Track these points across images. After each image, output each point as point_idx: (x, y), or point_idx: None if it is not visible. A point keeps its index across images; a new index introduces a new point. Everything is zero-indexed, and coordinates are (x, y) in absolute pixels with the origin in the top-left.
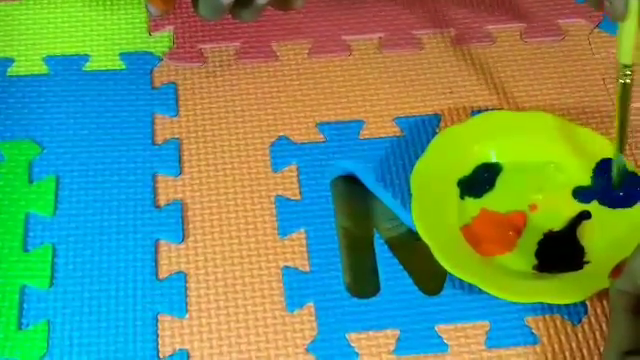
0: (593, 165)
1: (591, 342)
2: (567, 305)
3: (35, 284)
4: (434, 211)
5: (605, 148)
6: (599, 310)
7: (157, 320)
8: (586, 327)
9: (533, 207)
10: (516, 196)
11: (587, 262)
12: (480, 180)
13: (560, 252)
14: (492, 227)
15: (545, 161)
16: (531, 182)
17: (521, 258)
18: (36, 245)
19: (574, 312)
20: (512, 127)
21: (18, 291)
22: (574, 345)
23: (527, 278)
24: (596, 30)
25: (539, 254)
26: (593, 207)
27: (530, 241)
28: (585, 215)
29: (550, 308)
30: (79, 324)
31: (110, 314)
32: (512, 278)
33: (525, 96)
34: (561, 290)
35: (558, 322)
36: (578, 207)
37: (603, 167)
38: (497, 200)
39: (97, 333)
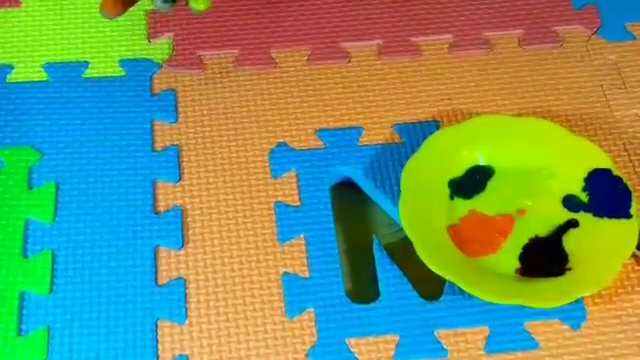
0: (585, 174)
1: (590, 346)
2: (566, 310)
3: (35, 290)
4: (422, 208)
5: (598, 158)
6: (598, 315)
7: (157, 326)
8: (585, 332)
9: (522, 212)
10: (506, 200)
11: (569, 269)
12: (471, 182)
13: (543, 257)
14: (479, 228)
15: (538, 167)
16: (522, 187)
17: (504, 260)
18: (36, 251)
19: (573, 317)
20: (507, 132)
21: (18, 297)
22: (573, 350)
23: (508, 280)
24: (594, 37)
25: (523, 258)
26: (581, 216)
27: (515, 245)
28: (573, 223)
29: (549, 313)
30: (79, 330)
31: (110, 320)
32: (493, 279)
33: (523, 102)
34: (540, 294)
35: (557, 326)
36: (567, 215)
37: (594, 177)
38: (486, 202)
39: (97, 339)
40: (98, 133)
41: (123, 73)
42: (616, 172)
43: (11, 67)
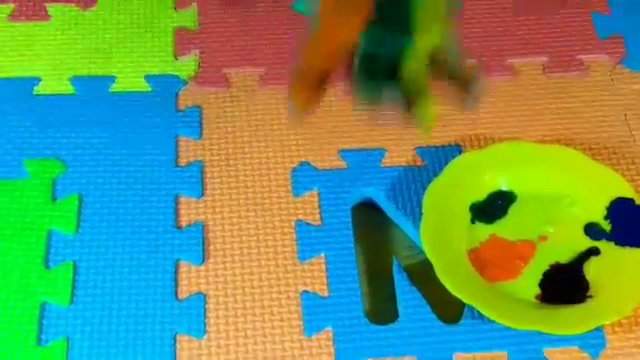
0: (607, 203)
1: None
2: (585, 337)
3: (55, 301)
4: (443, 232)
5: (621, 187)
6: (617, 344)
7: (175, 340)
8: None
9: (543, 238)
10: (527, 226)
11: (590, 297)
12: (493, 207)
13: (564, 285)
14: (499, 253)
15: (560, 194)
16: (544, 213)
17: (525, 286)
18: (57, 262)
19: (592, 345)
20: (530, 158)
21: (38, 307)
22: None
23: (528, 306)
24: (618, 66)
25: (543, 284)
26: (603, 244)
27: (536, 271)
28: (594, 251)
29: (568, 340)
30: (98, 342)
31: (129, 333)
32: (513, 305)
33: (546, 129)
34: (560, 321)
35: (576, 354)
36: (588, 243)
37: (617, 206)
38: (508, 228)
39: (115, 351)
40: (123, 147)
41: (149, 89)
42: (639, 202)
43: (39, 79)
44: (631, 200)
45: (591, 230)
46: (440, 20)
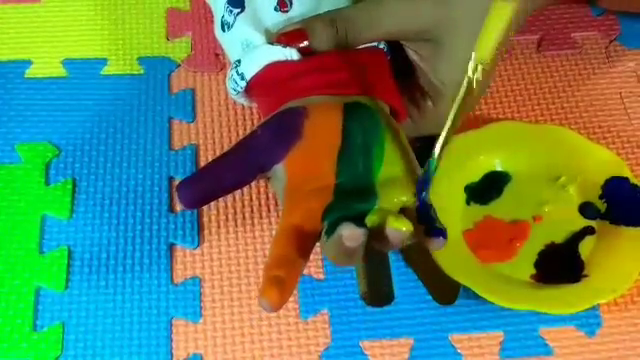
0: (602, 182)
1: (604, 354)
2: (581, 317)
3: (50, 286)
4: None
5: (616, 167)
6: (613, 322)
7: (171, 324)
8: (600, 339)
9: (538, 218)
10: (522, 206)
11: (585, 276)
12: (488, 188)
13: (559, 264)
14: (494, 234)
15: (555, 174)
16: (538, 194)
17: (520, 267)
18: (52, 247)
19: (588, 324)
20: (525, 138)
21: (33, 293)
22: (588, 357)
23: (523, 286)
24: (613, 43)
25: (538, 264)
26: (598, 223)
27: (530, 251)
28: (589, 230)
29: (564, 319)
30: (93, 327)
31: (125, 317)
32: (508, 285)
33: (540, 109)
34: (555, 300)
35: (572, 333)
36: (583, 222)
37: (612, 185)
38: (502, 208)
39: (111, 336)
40: (116, 130)
41: (141, 71)
42: (633, 180)
43: (30, 62)
44: (626, 179)
45: (586, 209)
46: (406, 174)
